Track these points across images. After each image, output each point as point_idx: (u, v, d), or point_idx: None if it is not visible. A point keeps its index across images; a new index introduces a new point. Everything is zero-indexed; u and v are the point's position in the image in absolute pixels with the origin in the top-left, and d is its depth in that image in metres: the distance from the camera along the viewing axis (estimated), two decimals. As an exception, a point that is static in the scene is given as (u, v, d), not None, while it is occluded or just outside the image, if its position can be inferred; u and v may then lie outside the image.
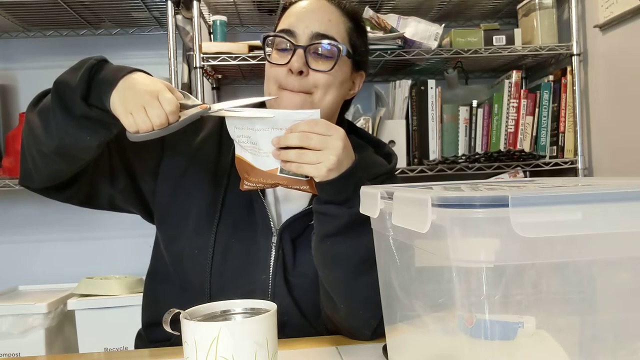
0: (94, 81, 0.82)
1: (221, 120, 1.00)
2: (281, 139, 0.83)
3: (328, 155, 0.81)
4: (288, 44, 0.95)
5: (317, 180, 0.83)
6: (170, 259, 1.00)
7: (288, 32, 0.96)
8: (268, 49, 0.98)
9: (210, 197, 0.98)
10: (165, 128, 0.80)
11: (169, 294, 1.00)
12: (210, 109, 0.83)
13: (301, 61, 0.93)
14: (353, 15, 1.01)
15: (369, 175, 1.01)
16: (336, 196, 0.84)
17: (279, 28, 0.99)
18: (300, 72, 0.94)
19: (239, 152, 0.88)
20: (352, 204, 0.83)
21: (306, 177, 0.86)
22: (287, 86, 0.95)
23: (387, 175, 1.05)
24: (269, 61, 0.97)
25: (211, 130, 1.04)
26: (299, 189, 0.87)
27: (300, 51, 0.94)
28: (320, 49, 0.95)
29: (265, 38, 0.98)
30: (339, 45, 0.95)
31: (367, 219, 0.84)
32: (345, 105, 1.08)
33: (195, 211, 0.98)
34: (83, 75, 0.81)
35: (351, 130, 1.12)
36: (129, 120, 0.79)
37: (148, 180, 1.00)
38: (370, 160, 1.06)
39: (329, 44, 0.95)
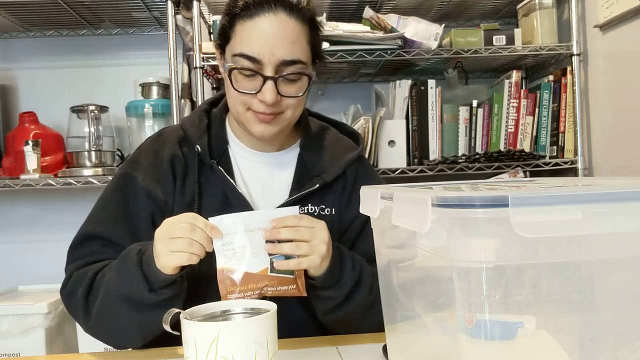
0: (145, 270, 0.86)
1: (180, 137, 1.04)
2: (273, 232, 0.86)
3: (318, 245, 0.87)
4: (253, 72, 0.92)
5: (311, 272, 0.89)
6: None
7: (252, 59, 0.92)
8: (230, 64, 0.94)
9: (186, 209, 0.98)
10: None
11: None
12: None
13: (274, 93, 0.92)
14: (309, 18, 0.96)
15: (342, 165, 1.04)
16: (329, 282, 0.91)
17: (238, 49, 0.93)
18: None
19: (222, 264, 0.86)
20: (343, 282, 0.92)
21: (292, 274, 0.88)
22: (259, 111, 0.95)
23: (358, 160, 1.08)
24: (235, 89, 0.94)
25: (175, 152, 1.03)
26: (286, 292, 0.89)
27: (270, 83, 0.92)
28: (290, 77, 0.93)
29: (230, 70, 0.94)
30: (308, 72, 0.95)
31: (360, 277, 0.93)
32: None
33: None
34: (137, 273, 0.85)
35: (310, 113, 1.15)
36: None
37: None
38: (340, 144, 1.09)
39: (298, 72, 0.94)
